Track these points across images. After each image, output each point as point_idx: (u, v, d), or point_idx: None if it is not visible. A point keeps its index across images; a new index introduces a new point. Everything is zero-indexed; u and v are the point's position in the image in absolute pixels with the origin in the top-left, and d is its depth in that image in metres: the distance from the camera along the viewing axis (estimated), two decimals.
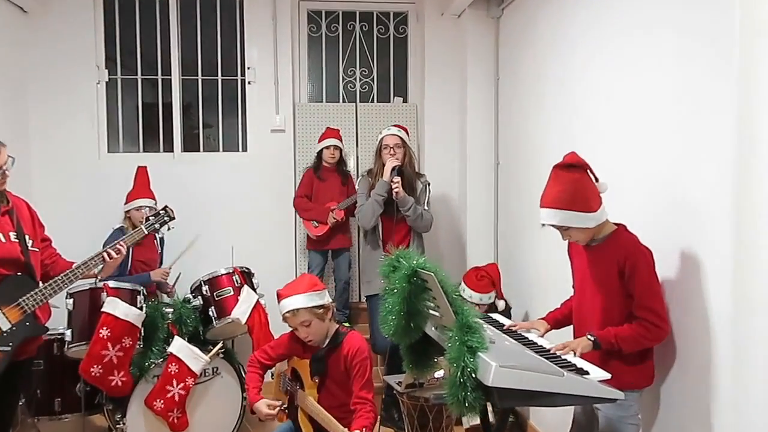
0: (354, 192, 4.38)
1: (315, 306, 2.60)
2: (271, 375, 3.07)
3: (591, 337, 2.16)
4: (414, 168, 3.89)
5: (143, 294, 3.32)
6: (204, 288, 3.58)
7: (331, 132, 4.50)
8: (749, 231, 1.83)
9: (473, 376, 1.80)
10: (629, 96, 2.58)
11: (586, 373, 1.94)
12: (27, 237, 2.55)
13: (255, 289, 3.64)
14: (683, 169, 2.20)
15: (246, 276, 3.69)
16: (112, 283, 3.20)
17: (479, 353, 1.82)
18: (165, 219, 3.11)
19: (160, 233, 3.23)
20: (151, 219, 3.09)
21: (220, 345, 3.40)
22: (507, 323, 2.53)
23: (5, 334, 2.42)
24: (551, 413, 3.29)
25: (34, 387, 3.23)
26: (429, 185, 3.86)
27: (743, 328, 1.87)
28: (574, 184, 2.14)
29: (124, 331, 3.08)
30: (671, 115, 2.28)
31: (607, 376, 1.94)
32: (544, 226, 2.25)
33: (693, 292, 2.14)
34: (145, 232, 3.02)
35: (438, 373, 3.17)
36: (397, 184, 3.63)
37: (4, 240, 2.47)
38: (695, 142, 2.14)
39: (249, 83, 4.78)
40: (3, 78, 4.13)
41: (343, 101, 5.02)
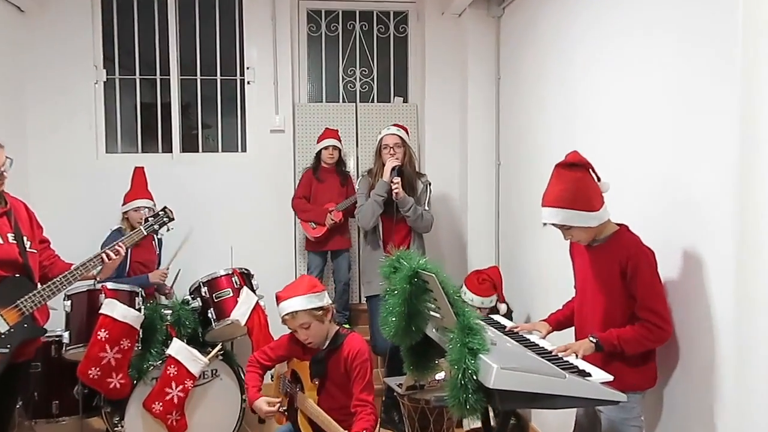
0: (353, 192, 4.39)
1: (314, 308, 2.60)
2: (271, 377, 3.07)
3: (593, 339, 2.16)
4: (414, 167, 3.90)
5: (141, 295, 3.32)
6: (203, 289, 3.58)
7: (330, 132, 4.50)
8: (752, 231, 1.83)
9: (474, 378, 1.80)
10: (631, 95, 2.58)
11: (588, 375, 1.94)
12: (25, 238, 2.55)
13: (254, 291, 3.64)
14: (685, 169, 2.21)
15: (245, 277, 3.68)
16: (110, 285, 3.21)
17: (480, 355, 1.82)
18: (164, 220, 3.10)
19: (159, 234, 3.22)
20: (151, 220, 3.08)
21: (219, 347, 3.40)
22: (508, 325, 2.53)
23: (3, 336, 2.42)
24: (553, 415, 3.29)
25: (31, 389, 3.23)
26: (430, 185, 3.86)
27: (746, 328, 1.87)
28: (576, 182, 2.14)
29: (122, 333, 3.08)
30: (673, 115, 2.28)
31: (610, 378, 1.94)
32: (545, 225, 2.25)
33: (696, 292, 2.14)
34: (144, 233, 3.02)
35: (439, 375, 3.16)
36: (397, 184, 3.63)
37: (1, 241, 2.47)
38: (697, 141, 2.14)
39: (248, 83, 4.78)
40: (0, 79, 4.13)
41: (343, 101, 5.02)
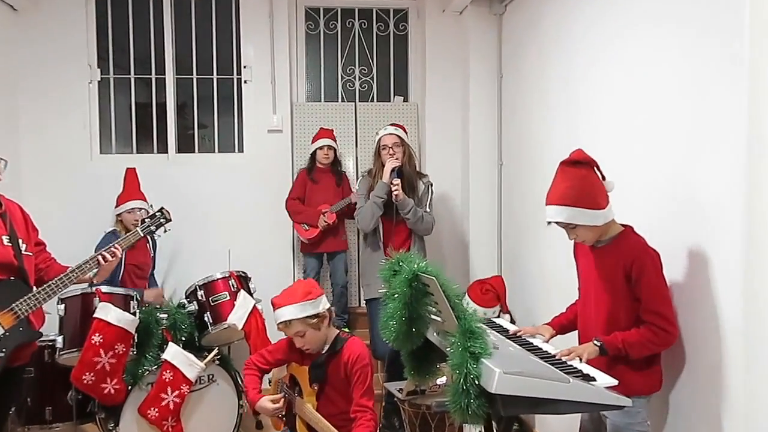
0: (349, 193, 4.41)
1: (308, 316, 2.59)
2: (269, 382, 3.06)
3: (597, 343, 2.15)
4: (414, 167, 3.89)
5: (137, 299, 3.31)
6: (199, 293, 3.57)
7: (325, 132, 4.51)
8: (760, 231, 1.82)
9: (476, 382, 1.79)
10: (635, 93, 2.57)
11: (592, 380, 1.94)
12: (20, 241, 2.55)
13: (252, 294, 3.64)
14: (691, 169, 2.20)
15: (242, 280, 3.68)
16: (104, 288, 3.21)
17: (482, 359, 1.82)
18: (161, 221, 3.10)
19: (156, 235, 3.22)
20: (147, 221, 3.08)
21: (215, 351, 3.39)
22: (511, 328, 2.53)
23: None
24: (557, 421, 3.28)
25: (24, 395, 3.23)
26: (431, 186, 3.85)
27: (754, 331, 1.87)
28: (581, 180, 2.13)
29: (117, 338, 3.07)
30: (679, 113, 2.28)
31: (614, 382, 1.94)
32: (550, 224, 2.24)
33: (702, 294, 2.13)
34: (141, 234, 3.02)
35: (440, 380, 3.16)
36: (397, 186, 3.62)
37: None
38: (704, 140, 2.13)
39: (245, 82, 4.78)
40: None
41: (342, 100, 5.02)
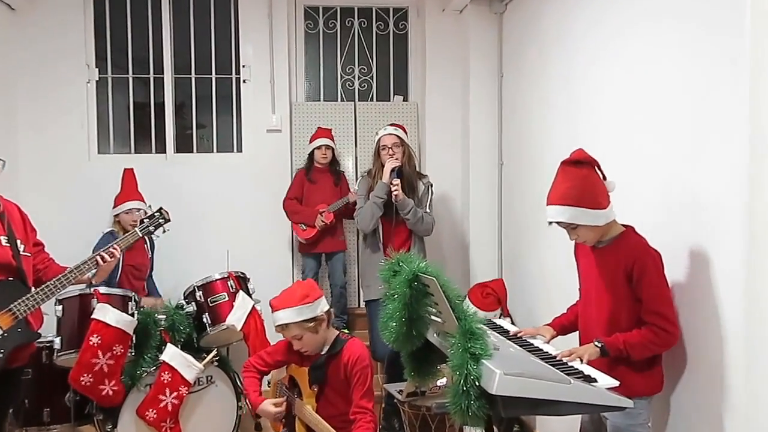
0: (347, 192, 4.43)
1: (305, 320, 2.59)
2: (268, 383, 3.06)
3: (598, 344, 2.15)
4: (414, 167, 3.89)
5: (135, 300, 3.31)
6: (198, 294, 3.57)
7: (323, 132, 4.51)
8: (762, 231, 1.82)
9: (477, 384, 1.79)
10: (637, 92, 2.58)
11: (593, 381, 1.94)
12: (19, 241, 2.55)
13: (251, 295, 3.64)
14: (693, 168, 2.20)
15: (241, 281, 3.68)
16: (102, 289, 3.21)
17: (483, 360, 1.82)
18: (160, 221, 3.10)
19: (155, 236, 3.22)
20: (146, 221, 3.09)
21: (214, 353, 3.39)
22: (512, 329, 2.53)
23: None
24: (557, 422, 3.28)
25: (22, 396, 3.22)
26: (431, 186, 3.85)
27: (755, 332, 1.87)
28: (582, 180, 2.13)
29: (115, 339, 3.07)
30: (680, 113, 2.28)
31: (616, 383, 1.94)
32: (551, 224, 2.24)
33: (703, 295, 2.13)
34: (140, 234, 3.02)
35: (440, 381, 3.16)
36: (397, 186, 3.62)
37: None
38: (705, 140, 2.13)
39: (244, 82, 4.78)
40: None
41: (342, 100, 5.02)
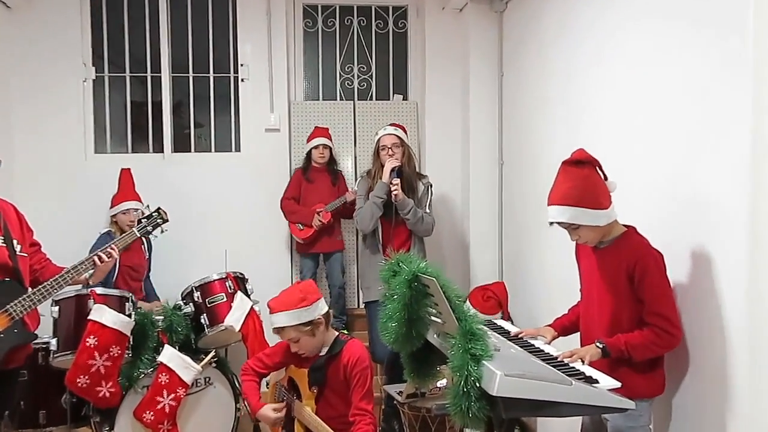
0: (345, 192, 4.43)
1: (301, 323, 2.59)
2: (266, 384, 3.06)
3: (600, 345, 2.15)
4: (414, 168, 3.90)
5: (132, 301, 3.31)
6: (196, 294, 3.57)
7: (320, 131, 4.52)
8: (764, 231, 1.82)
9: (477, 385, 1.79)
10: (638, 92, 2.58)
11: (595, 382, 1.94)
12: (15, 242, 2.55)
13: (249, 296, 3.64)
14: (695, 168, 2.20)
15: (239, 281, 3.68)
16: (99, 290, 3.20)
17: (483, 361, 1.82)
18: (158, 221, 3.10)
19: (153, 236, 3.22)
20: (144, 221, 3.09)
21: (212, 354, 3.39)
22: (512, 330, 2.53)
23: None
24: (558, 424, 3.29)
25: (17, 398, 3.22)
26: (431, 187, 3.86)
27: (759, 333, 1.87)
28: (583, 180, 2.14)
29: (112, 340, 3.06)
30: (682, 112, 2.28)
31: (617, 384, 1.94)
32: (552, 225, 2.24)
33: (706, 296, 2.13)
34: (138, 235, 3.02)
35: (440, 383, 3.16)
36: (396, 186, 3.62)
37: None
38: (707, 139, 2.13)
39: (242, 81, 4.78)
40: None
41: (341, 99, 5.02)
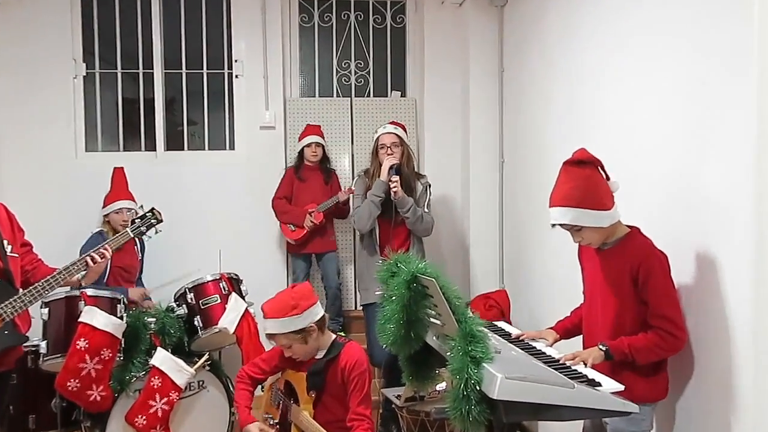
0: (338, 191, 4.43)
1: (292, 331, 2.57)
2: (261, 388, 3.06)
3: (603, 347, 2.15)
4: (413, 168, 3.89)
5: (124, 302, 3.31)
6: (189, 296, 3.56)
7: (312, 129, 4.52)
8: None
9: (477, 388, 1.79)
10: (642, 90, 2.58)
11: (597, 385, 1.94)
12: (6, 242, 2.55)
13: (243, 297, 3.63)
14: (700, 168, 2.20)
15: (234, 283, 3.68)
16: (90, 291, 3.19)
17: (484, 364, 1.82)
18: (152, 221, 3.10)
19: (147, 236, 3.22)
20: (137, 222, 3.08)
21: (206, 357, 3.39)
22: (514, 332, 2.53)
23: None
24: (560, 427, 3.29)
25: (6, 402, 3.21)
26: (430, 187, 3.86)
27: (765, 336, 1.87)
28: (585, 180, 2.14)
29: (103, 343, 3.06)
30: (687, 111, 2.28)
31: (620, 387, 1.94)
32: (554, 226, 2.24)
33: (711, 298, 2.14)
34: (131, 235, 3.02)
35: (440, 386, 3.16)
36: (396, 183, 3.62)
37: None
38: (712, 139, 2.14)
39: (236, 77, 4.78)
40: None
41: (337, 96, 5.02)
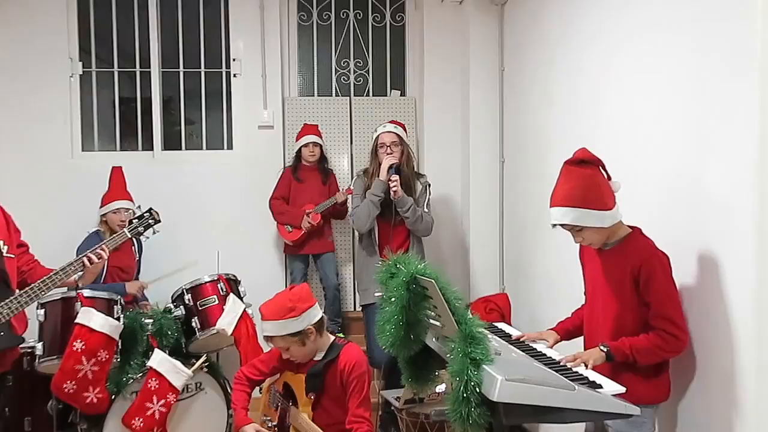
0: (336, 192, 4.44)
1: (290, 334, 2.58)
2: (259, 389, 3.05)
3: (604, 348, 2.16)
4: (412, 168, 3.89)
5: (121, 303, 3.30)
6: (186, 297, 3.56)
7: (309, 128, 4.52)
8: None
9: (477, 390, 1.79)
10: (645, 89, 2.58)
11: (599, 387, 1.94)
12: (2, 243, 2.55)
13: (242, 298, 3.63)
14: (702, 168, 2.20)
15: (232, 283, 3.67)
16: (86, 292, 3.19)
17: (484, 366, 1.82)
18: (150, 222, 3.10)
19: (144, 237, 3.22)
20: (135, 222, 3.08)
21: (203, 358, 3.38)
22: (514, 334, 2.53)
23: None
24: (561, 429, 3.29)
25: (2, 404, 3.20)
26: (429, 186, 3.86)
27: (767, 337, 1.87)
28: (586, 180, 2.14)
29: (99, 344, 3.05)
30: (689, 111, 2.28)
31: (622, 389, 1.94)
32: (555, 227, 2.24)
33: (713, 299, 2.13)
34: (128, 235, 3.02)
35: (439, 388, 3.16)
36: (395, 183, 3.62)
37: None
38: (714, 139, 2.14)
39: (234, 76, 4.78)
40: None
41: (336, 95, 5.02)
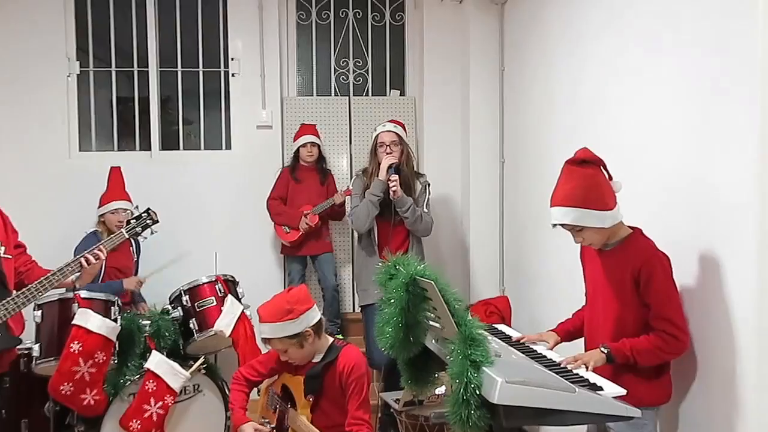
0: (334, 192, 4.44)
1: (287, 336, 2.58)
2: (257, 391, 3.05)
3: (604, 350, 2.16)
4: (412, 167, 3.89)
5: (118, 305, 3.30)
6: (184, 298, 3.56)
7: (307, 128, 4.52)
8: None
9: (477, 392, 1.79)
10: (645, 89, 2.58)
11: (599, 389, 1.94)
12: None
13: (240, 300, 3.63)
14: (703, 168, 2.20)
15: (230, 285, 3.67)
16: (83, 293, 3.19)
17: (484, 368, 1.82)
18: (147, 222, 3.10)
19: (142, 237, 3.22)
20: (133, 222, 3.09)
21: (201, 360, 3.38)
22: (514, 335, 2.53)
23: None
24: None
25: None
26: (429, 186, 3.86)
27: None
28: (587, 180, 2.14)
29: (97, 346, 3.06)
30: (690, 110, 2.28)
31: (623, 391, 1.94)
32: (555, 227, 2.24)
33: (714, 300, 2.14)
34: (126, 236, 3.02)
35: (439, 390, 3.16)
36: (395, 182, 3.62)
37: None
38: (715, 139, 2.14)
39: (233, 75, 4.78)
40: None
41: (336, 94, 5.02)
